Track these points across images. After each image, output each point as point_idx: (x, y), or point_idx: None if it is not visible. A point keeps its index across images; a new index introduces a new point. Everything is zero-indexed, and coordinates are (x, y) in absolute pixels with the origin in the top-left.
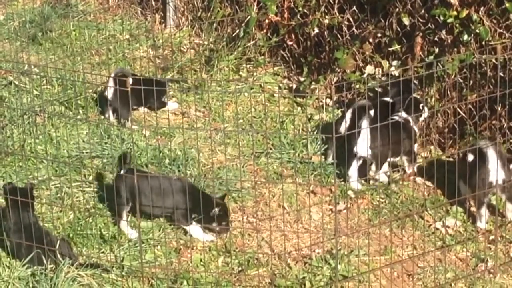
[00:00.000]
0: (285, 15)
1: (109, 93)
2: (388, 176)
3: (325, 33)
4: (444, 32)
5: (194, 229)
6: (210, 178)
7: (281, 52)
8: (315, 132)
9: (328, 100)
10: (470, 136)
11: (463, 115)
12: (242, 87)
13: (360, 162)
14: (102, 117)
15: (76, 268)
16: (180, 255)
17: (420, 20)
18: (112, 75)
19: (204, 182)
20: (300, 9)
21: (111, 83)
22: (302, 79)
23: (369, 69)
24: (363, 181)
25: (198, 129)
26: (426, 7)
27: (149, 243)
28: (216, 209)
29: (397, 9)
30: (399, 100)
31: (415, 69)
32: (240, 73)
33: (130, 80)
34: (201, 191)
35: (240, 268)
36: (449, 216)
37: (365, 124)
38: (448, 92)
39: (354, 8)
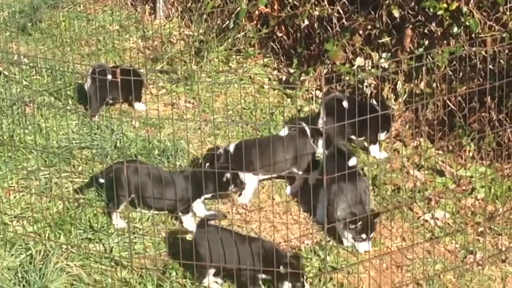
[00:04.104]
0: (275, 7)
1: (86, 86)
2: None
3: (315, 24)
4: (434, 24)
5: (187, 219)
6: (199, 169)
7: (271, 43)
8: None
9: (318, 92)
10: (459, 128)
11: (453, 107)
12: (232, 79)
13: None
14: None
15: (66, 259)
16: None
17: (410, 12)
18: (91, 69)
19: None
20: (290, 0)
21: (89, 76)
22: (292, 70)
23: (359, 61)
24: None
25: (187, 120)
26: None
27: (138, 233)
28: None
29: (387, 1)
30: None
31: (405, 61)
32: (230, 64)
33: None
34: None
35: None
36: (438, 208)
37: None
38: (438, 84)
39: (344, 0)
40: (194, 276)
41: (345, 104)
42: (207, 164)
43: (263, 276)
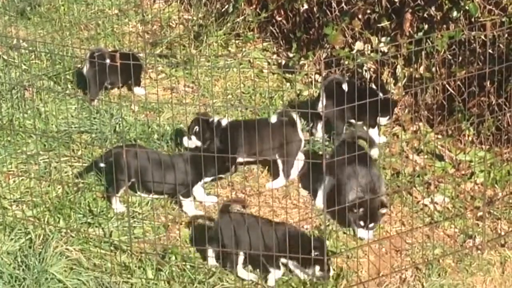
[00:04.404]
0: None
1: (84, 70)
2: None
3: (314, 8)
4: (433, 8)
5: (187, 203)
6: (198, 154)
7: (270, 27)
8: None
9: (317, 76)
10: (459, 112)
11: (452, 91)
12: (231, 63)
13: None
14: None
15: (65, 243)
16: (169, 231)
17: None
18: (89, 53)
19: None
20: None
21: (87, 61)
22: (291, 55)
23: (358, 45)
24: None
25: (187, 105)
26: None
27: (138, 218)
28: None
29: None
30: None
31: (404, 45)
32: (229, 48)
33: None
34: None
35: None
36: (438, 193)
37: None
38: (437, 69)
39: None
40: (227, 263)
41: (344, 86)
42: (196, 127)
43: (290, 261)
